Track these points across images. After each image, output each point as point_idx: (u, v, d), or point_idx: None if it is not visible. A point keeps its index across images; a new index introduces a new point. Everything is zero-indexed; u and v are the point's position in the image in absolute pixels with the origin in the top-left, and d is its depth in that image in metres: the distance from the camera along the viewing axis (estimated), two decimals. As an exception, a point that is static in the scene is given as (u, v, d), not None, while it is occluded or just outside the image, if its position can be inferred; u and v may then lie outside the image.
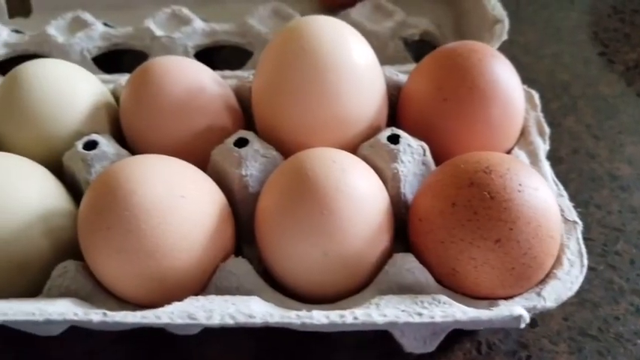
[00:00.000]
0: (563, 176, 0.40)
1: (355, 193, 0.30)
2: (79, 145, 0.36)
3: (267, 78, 0.36)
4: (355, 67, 0.35)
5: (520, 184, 0.30)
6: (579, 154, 0.46)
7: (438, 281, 0.32)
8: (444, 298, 0.29)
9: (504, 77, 0.36)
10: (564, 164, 0.45)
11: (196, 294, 0.32)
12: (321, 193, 0.30)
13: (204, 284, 0.32)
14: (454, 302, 0.29)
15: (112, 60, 0.53)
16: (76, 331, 0.31)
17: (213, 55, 0.53)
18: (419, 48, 0.52)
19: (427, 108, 0.36)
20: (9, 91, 0.37)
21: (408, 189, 0.35)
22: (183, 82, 0.37)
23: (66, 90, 0.37)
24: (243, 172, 0.35)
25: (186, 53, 0.51)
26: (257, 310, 0.27)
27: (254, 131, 0.37)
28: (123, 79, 0.43)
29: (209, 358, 0.34)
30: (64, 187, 0.36)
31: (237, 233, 0.35)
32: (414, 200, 0.34)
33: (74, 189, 0.36)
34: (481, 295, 0.31)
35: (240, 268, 0.32)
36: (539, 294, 0.31)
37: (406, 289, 0.31)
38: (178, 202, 0.30)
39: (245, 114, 0.41)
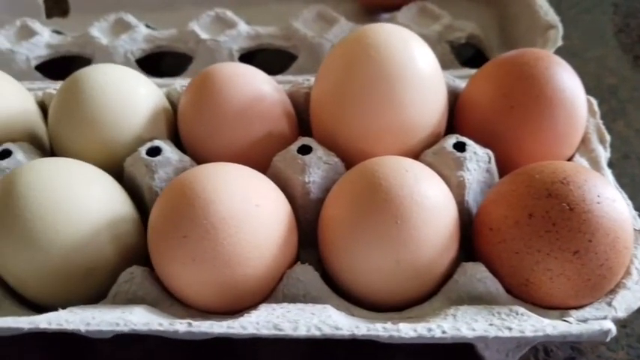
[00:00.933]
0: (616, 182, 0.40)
1: (428, 202, 0.30)
2: (143, 150, 0.36)
3: (330, 85, 0.36)
4: (421, 75, 0.35)
5: (598, 196, 0.29)
6: (630, 159, 0.45)
7: (508, 291, 0.31)
8: (521, 309, 0.29)
9: (570, 85, 0.36)
10: (615, 169, 0.44)
11: (263, 301, 0.32)
12: (395, 202, 0.30)
13: (271, 291, 0.32)
14: (531, 314, 0.29)
15: (152, 62, 0.53)
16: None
17: (253, 59, 0.53)
18: (462, 51, 0.52)
19: (492, 115, 0.36)
20: (70, 96, 0.37)
21: (472, 197, 0.35)
22: (244, 89, 0.37)
23: (126, 95, 0.37)
24: (307, 179, 0.35)
25: (231, 56, 0.51)
26: (341, 321, 0.27)
27: (306, 136, 0.37)
28: (177, 83, 0.43)
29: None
30: (125, 192, 0.36)
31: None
32: (482, 209, 0.33)
33: (134, 194, 0.36)
34: (552, 305, 0.31)
35: (307, 275, 0.32)
36: (609, 304, 0.31)
37: (476, 298, 0.31)
38: (253, 211, 0.30)
39: (297, 119, 0.41)
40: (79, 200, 0.32)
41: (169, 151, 0.36)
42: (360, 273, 0.31)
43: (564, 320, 0.29)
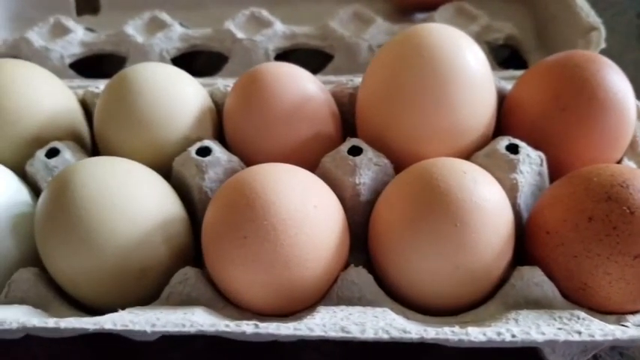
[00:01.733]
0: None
1: (487, 205, 0.30)
2: (193, 150, 0.36)
3: (379, 85, 0.36)
4: (474, 76, 0.34)
5: (659, 200, 0.29)
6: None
7: (564, 295, 0.31)
8: (582, 314, 0.29)
9: (620, 88, 0.35)
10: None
11: (316, 303, 0.32)
12: (454, 204, 0.29)
13: (324, 293, 0.32)
14: (593, 318, 0.29)
15: (185, 61, 0.53)
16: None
17: (289, 59, 0.53)
18: (498, 53, 0.52)
19: (542, 118, 0.36)
20: (119, 95, 0.37)
21: (523, 200, 0.35)
22: (292, 89, 0.37)
23: (174, 94, 0.37)
24: (357, 181, 0.35)
25: (267, 56, 0.51)
26: (406, 324, 0.27)
27: (348, 137, 0.37)
28: (220, 82, 0.43)
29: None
30: (174, 192, 0.36)
31: (348, 241, 0.34)
32: (536, 212, 0.33)
33: (183, 194, 0.36)
34: (608, 309, 0.31)
35: (361, 277, 0.32)
36: (667, 309, 0.30)
37: (532, 303, 0.31)
38: (312, 212, 0.30)
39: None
40: (134, 200, 0.32)
41: (219, 151, 0.36)
42: (416, 276, 0.31)
43: (622, 325, 0.29)
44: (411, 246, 0.30)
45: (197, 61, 0.55)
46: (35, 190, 0.36)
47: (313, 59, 0.52)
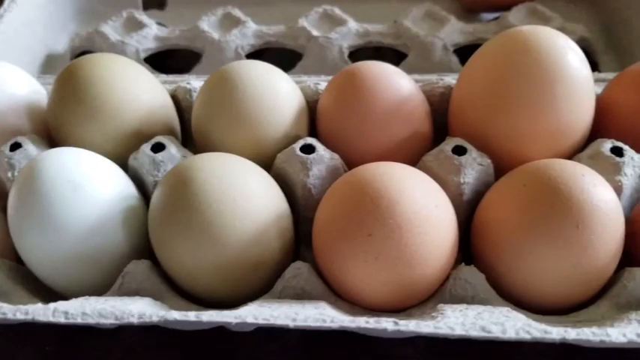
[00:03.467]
0: None
1: (605, 207, 0.30)
2: (297, 147, 0.36)
3: (481, 85, 0.36)
4: (577, 77, 0.35)
5: None
6: None
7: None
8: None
9: None
10: None
11: (426, 300, 0.32)
12: (576, 206, 0.30)
13: (435, 291, 0.33)
14: None
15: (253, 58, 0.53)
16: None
17: (360, 56, 0.53)
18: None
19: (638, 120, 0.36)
20: (222, 91, 0.37)
21: (625, 202, 0.35)
22: (391, 88, 0.37)
23: (274, 91, 0.37)
24: (462, 180, 0.35)
25: (341, 54, 0.51)
26: (544, 325, 0.27)
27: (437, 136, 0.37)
28: (310, 80, 0.43)
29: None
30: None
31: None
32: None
33: (284, 190, 0.36)
34: None
35: (474, 276, 0.32)
36: None
37: (644, 304, 0.31)
38: (434, 212, 0.30)
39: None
40: (252, 195, 0.32)
41: (322, 149, 0.36)
42: (533, 276, 0.31)
43: None
44: (528, 246, 0.31)
45: (264, 58, 0.55)
46: (138, 183, 0.36)
47: (384, 57, 0.52)
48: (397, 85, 0.38)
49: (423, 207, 0.30)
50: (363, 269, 0.30)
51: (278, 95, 0.37)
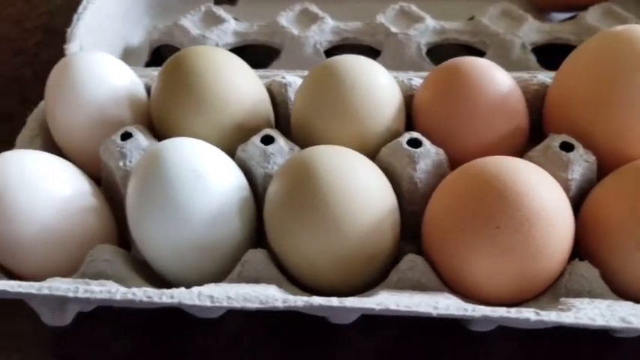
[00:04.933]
0: None
1: None
2: (404, 141, 0.37)
3: (583, 83, 0.37)
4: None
5: None
6: None
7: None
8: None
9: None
10: None
11: (540, 294, 0.33)
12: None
13: (549, 285, 0.33)
14: None
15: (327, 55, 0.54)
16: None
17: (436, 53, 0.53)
18: None
19: None
20: (327, 86, 0.37)
21: None
22: (493, 83, 0.38)
23: (376, 84, 0.38)
24: (569, 176, 0.35)
25: (418, 50, 0.52)
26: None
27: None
28: (401, 75, 0.43)
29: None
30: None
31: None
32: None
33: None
34: None
35: (589, 271, 0.32)
36: None
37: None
38: (560, 205, 0.31)
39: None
40: (368, 186, 0.33)
41: (428, 144, 0.37)
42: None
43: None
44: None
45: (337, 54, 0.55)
46: (245, 174, 0.37)
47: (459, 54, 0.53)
48: (499, 80, 0.38)
49: (549, 200, 0.30)
50: (488, 262, 0.31)
51: (381, 89, 0.38)
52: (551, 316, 0.27)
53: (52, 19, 0.65)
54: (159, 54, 0.55)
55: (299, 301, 0.28)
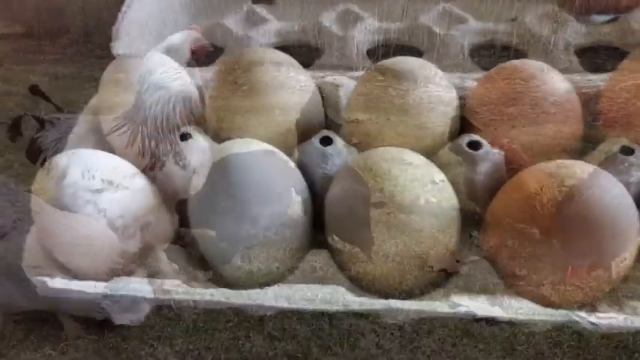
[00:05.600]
0: None
1: None
2: (463, 143, 0.37)
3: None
4: None
5: None
6: None
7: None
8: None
9: None
10: None
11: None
12: None
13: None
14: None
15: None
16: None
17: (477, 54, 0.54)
18: None
19: None
20: (382, 87, 0.38)
21: None
22: (553, 85, 0.38)
23: (432, 85, 0.38)
24: (629, 180, 0.35)
25: (462, 52, 0.52)
26: None
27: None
28: (455, 76, 0.43)
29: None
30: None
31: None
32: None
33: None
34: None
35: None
36: None
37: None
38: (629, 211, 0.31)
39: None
40: (438, 189, 0.33)
41: (487, 145, 0.37)
42: None
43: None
44: None
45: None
46: (304, 175, 0.37)
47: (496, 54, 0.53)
48: (558, 82, 0.38)
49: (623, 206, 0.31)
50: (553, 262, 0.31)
51: (437, 90, 0.38)
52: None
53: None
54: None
55: (376, 304, 0.28)
